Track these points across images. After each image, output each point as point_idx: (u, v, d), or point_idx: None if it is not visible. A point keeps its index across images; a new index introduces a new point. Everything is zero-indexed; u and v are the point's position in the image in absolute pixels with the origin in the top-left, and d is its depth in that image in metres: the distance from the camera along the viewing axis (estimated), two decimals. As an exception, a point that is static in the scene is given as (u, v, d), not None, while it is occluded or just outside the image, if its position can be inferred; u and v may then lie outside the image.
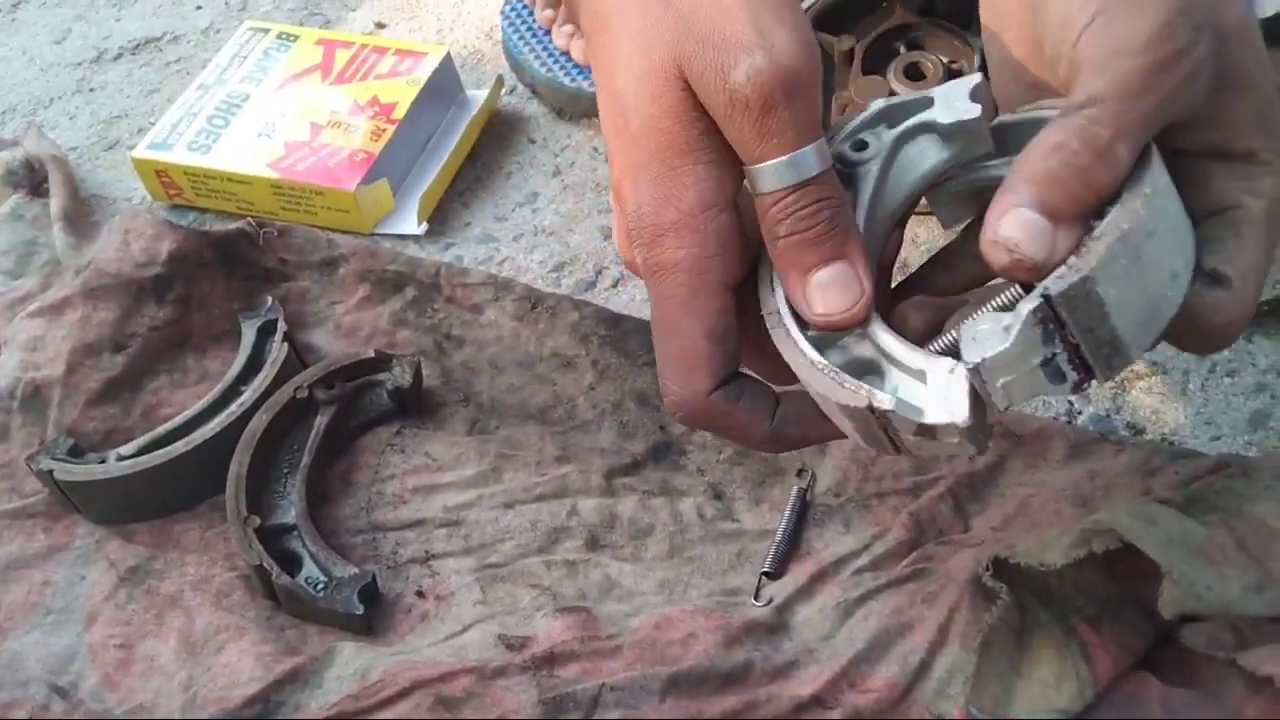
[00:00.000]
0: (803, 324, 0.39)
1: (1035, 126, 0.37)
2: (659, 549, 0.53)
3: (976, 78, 0.40)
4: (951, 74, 0.67)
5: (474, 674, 0.47)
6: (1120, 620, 0.45)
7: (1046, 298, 0.33)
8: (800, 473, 0.54)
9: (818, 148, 0.37)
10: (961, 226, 0.44)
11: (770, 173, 0.37)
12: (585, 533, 0.54)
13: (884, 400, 0.35)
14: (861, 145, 0.40)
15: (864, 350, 0.38)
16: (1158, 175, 0.35)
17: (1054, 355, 0.34)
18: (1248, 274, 0.37)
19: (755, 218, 0.39)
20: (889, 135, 0.40)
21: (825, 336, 0.39)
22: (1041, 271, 0.34)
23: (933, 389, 0.35)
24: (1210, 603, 0.43)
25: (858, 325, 0.38)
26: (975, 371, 0.34)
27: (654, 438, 0.57)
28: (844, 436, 0.40)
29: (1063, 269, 0.33)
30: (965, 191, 0.41)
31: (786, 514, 0.53)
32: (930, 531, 0.52)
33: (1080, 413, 0.58)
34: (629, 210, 0.40)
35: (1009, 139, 0.40)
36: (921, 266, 0.44)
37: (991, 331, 0.34)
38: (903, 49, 0.69)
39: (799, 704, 0.45)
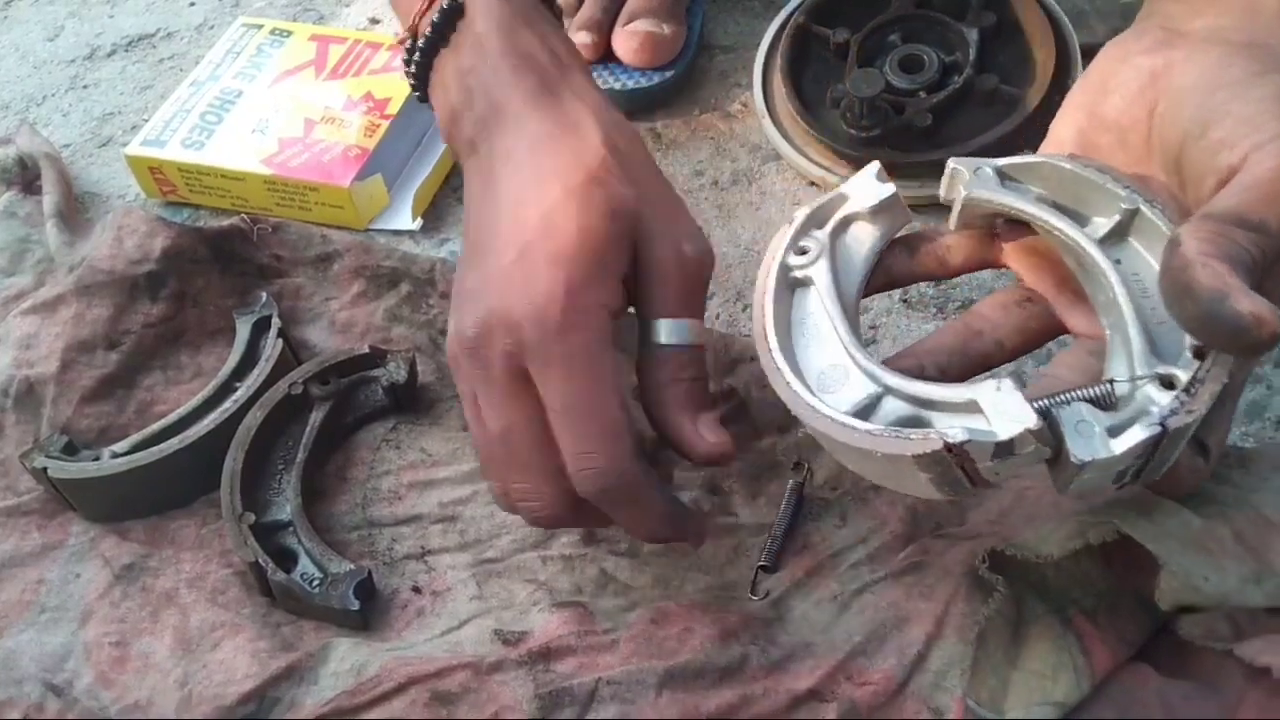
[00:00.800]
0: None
1: (1046, 170, 0.43)
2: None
3: (875, 165, 0.46)
4: (946, 67, 0.67)
5: (470, 669, 0.47)
6: (1117, 612, 0.45)
7: (1164, 428, 0.36)
8: (796, 466, 0.54)
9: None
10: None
11: (680, 329, 0.45)
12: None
13: (956, 435, 0.37)
14: (803, 250, 0.46)
15: (900, 409, 0.41)
16: None
17: (1131, 467, 0.38)
18: (1221, 443, 0.42)
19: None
20: (823, 234, 0.46)
21: (860, 411, 0.41)
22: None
23: (991, 410, 0.37)
24: (1207, 594, 0.43)
25: (729, 460, 0.45)
26: (1079, 467, 0.37)
27: (651, 431, 0.57)
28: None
29: (1175, 403, 0.37)
30: (985, 212, 0.45)
31: (782, 508, 0.52)
32: (926, 525, 0.52)
33: (1077, 405, 0.57)
34: (514, 284, 0.43)
35: (1022, 174, 0.44)
36: (884, 251, 0.47)
37: (1094, 432, 0.37)
38: (898, 41, 0.69)
39: (795, 697, 0.45)
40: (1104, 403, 0.39)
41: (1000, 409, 0.37)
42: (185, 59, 0.84)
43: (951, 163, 0.44)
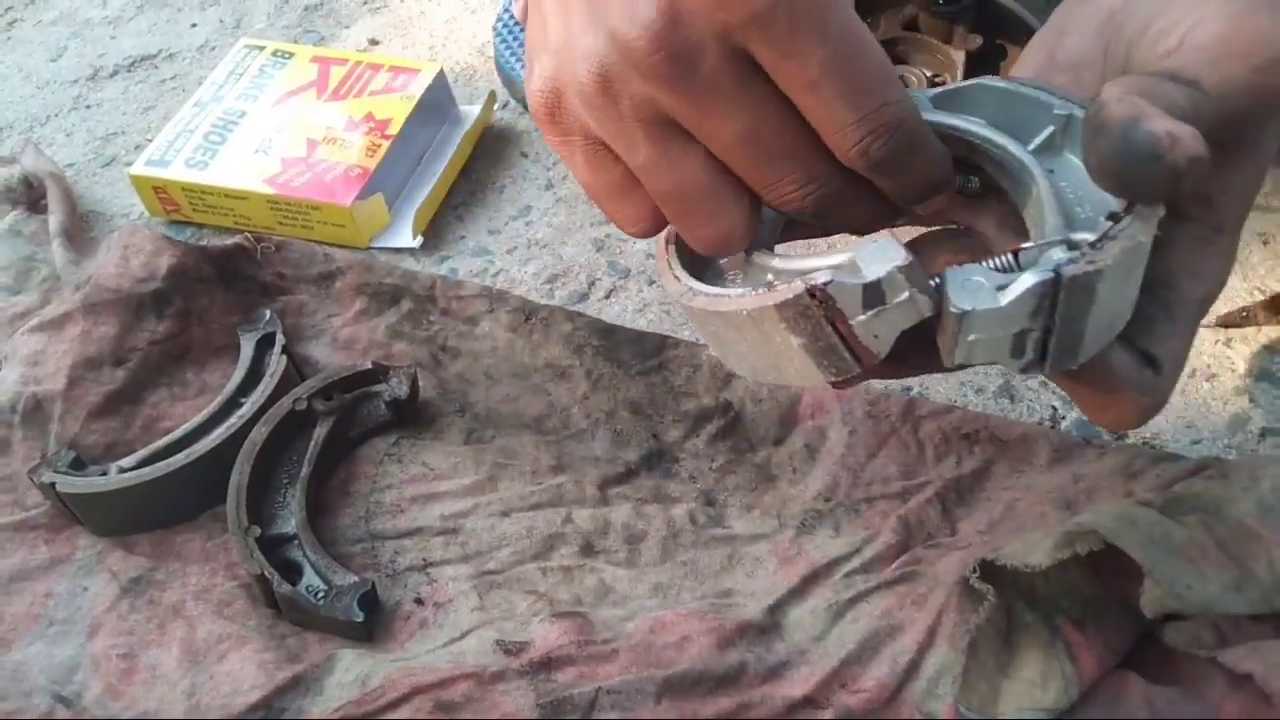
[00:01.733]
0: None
1: (982, 92, 0.39)
2: (652, 554, 0.54)
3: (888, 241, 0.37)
4: (935, 86, 0.68)
5: (473, 679, 0.48)
6: (1104, 620, 0.46)
7: (1058, 275, 0.32)
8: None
9: None
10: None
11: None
12: (580, 539, 0.55)
13: (819, 276, 0.33)
14: None
15: (758, 281, 0.37)
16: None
17: (1028, 331, 0.33)
18: (1177, 362, 0.37)
19: None
20: None
21: (712, 271, 0.37)
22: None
23: (864, 260, 0.33)
24: (1191, 602, 0.44)
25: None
26: (958, 318, 0.33)
27: (647, 446, 0.58)
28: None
29: (1076, 253, 0.33)
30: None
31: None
32: (919, 535, 0.53)
33: (1064, 418, 0.59)
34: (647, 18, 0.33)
35: (958, 104, 0.40)
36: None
37: (983, 286, 0.33)
38: (888, 63, 0.70)
39: (791, 704, 0.46)
40: (1006, 269, 0.35)
41: (874, 255, 0.33)
42: (187, 79, 0.85)
43: None
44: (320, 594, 0.52)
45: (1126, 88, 0.32)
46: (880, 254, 0.33)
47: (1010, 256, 0.35)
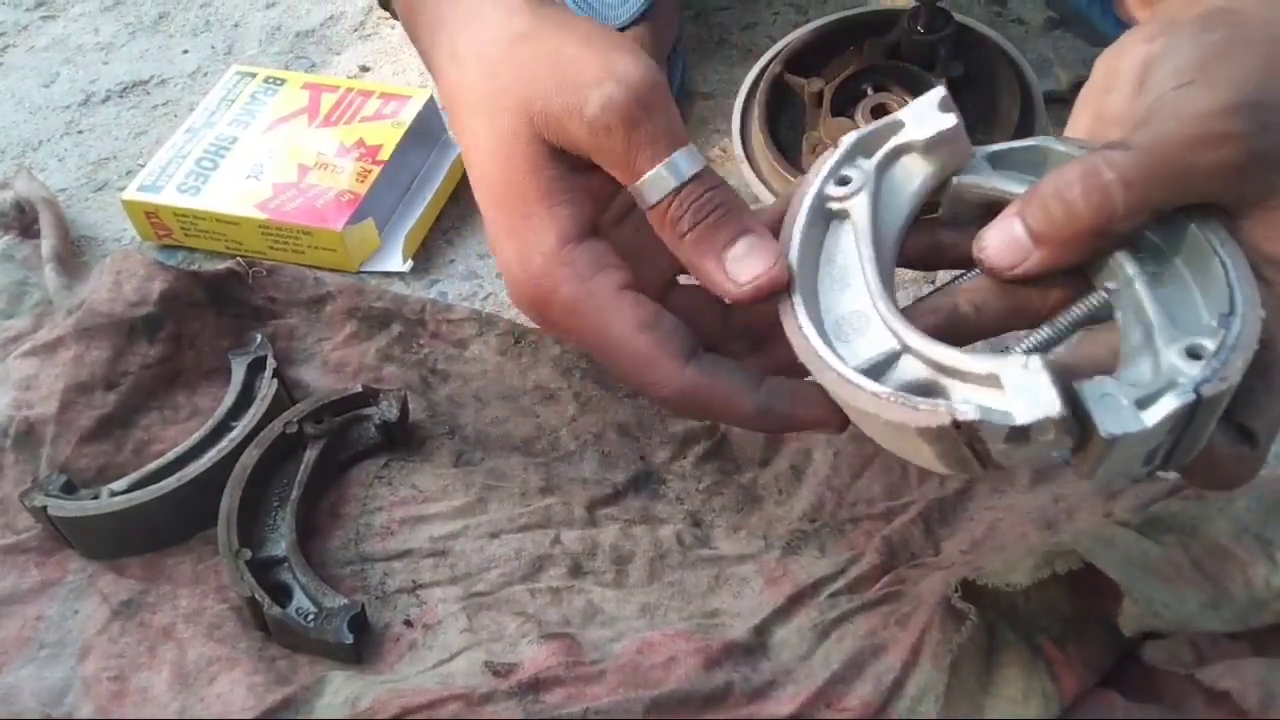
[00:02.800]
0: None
1: (1039, 153, 0.40)
2: (639, 574, 0.55)
3: (940, 90, 0.40)
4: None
5: (462, 700, 0.48)
6: (1084, 638, 0.47)
7: (1199, 396, 0.33)
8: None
9: (689, 150, 0.40)
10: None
11: (653, 182, 0.39)
12: (568, 560, 0.55)
13: (967, 412, 0.33)
14: (844, 180, 0.41)
15: (917, 372, 0.37)
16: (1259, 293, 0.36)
17: (1162, 444, 0.34)
18: (1273, 429, 0.37)
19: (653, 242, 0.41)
20: (870, 164, 0.41)
21: (873, 368, 0.37)
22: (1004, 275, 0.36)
23: (1012, 389, 0.33)
24: (1168, 620, 0.45)
25: (781, 288, 0.39)
26: (1108, 442, 0.33)
27: (635, 467, 0.59)
28: (833, 427, 0.39)
29: (1209, 370, 0.33)
30: (975, 199, 0.41)
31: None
32: (902, 555, 0.53)
33: (1045, 439, 0.60)
34: (505, 272, 0.41)
35: (1014, 162, 0.41)
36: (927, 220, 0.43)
37: (1123, 406, 0.33)
38: (869, 90, 0.72)
39: (777, 724, 0.47)
40: (1102, 313, 0.36)
41: (1022, 389, 0.33)
42: (179, 105, 0.86)
43: None
44: (310, 616, 0.52)
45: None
46: (1032, 391, 0.33)
47: (1101, 296, 0.36)
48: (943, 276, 0.48)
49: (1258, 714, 0.43)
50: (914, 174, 0.41)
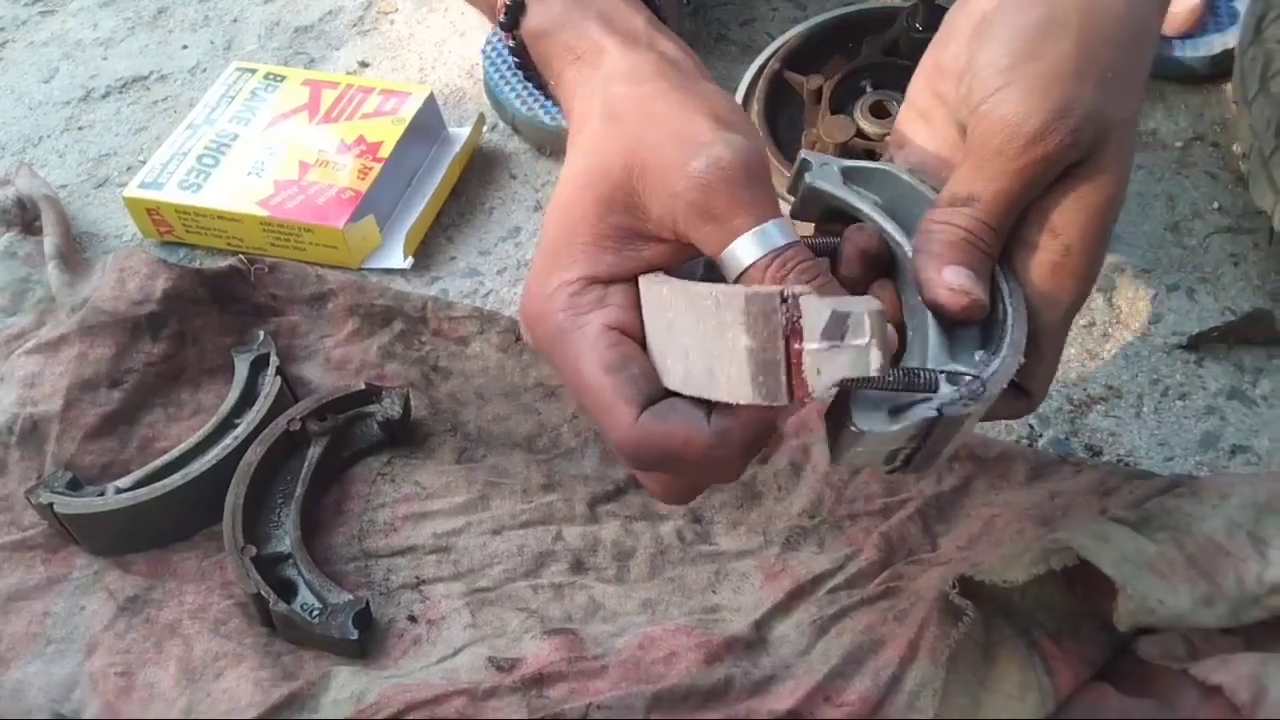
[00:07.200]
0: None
1: (885, 177, 0.44)
2: (640, 570, 0.55)
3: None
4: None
5: (466, 695, 0.49)
6: (1079, 634, 0.48)
7: (940, 414, 0.37)
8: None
9: (783, 222, 0.40)
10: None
11: (749, 243, 0.39)
12: (570, 556, 0.56)
13: (798, 288, 0.35)
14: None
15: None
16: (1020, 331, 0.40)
17: (903, 449, 0.39)
18: (1044, 384, 0.43)
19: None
20: None
21: None
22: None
23: (842, 301, 0.35)
24: (1162, 615, 0.45)
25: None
26: (855, 435, 0.37)
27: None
28: (771, 415, 0.39)
29: (956, 395, 0.38)
30: (822, 203, 0.45)
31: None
32: (900, 551, 0.54)
33: (1041, 435, 0.60)
34: (528, 279, 0.43)
35: (863, 180, 0.45)
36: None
37: (878, 409, 0.37)
38: (868, 88, 0.72)
39: (777, 719, 0.48)
40: (899, 385, 0.38)
41: (853, 301, 0.34)
42: (179, 101, 0.86)
43: (803, 153, 0.46)
44: (315, 612, 0.53)
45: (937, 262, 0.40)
46: (859, 301, 0.35)
47: (902, 373, 0.38)
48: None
49: (1249, 709, 0.44)
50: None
